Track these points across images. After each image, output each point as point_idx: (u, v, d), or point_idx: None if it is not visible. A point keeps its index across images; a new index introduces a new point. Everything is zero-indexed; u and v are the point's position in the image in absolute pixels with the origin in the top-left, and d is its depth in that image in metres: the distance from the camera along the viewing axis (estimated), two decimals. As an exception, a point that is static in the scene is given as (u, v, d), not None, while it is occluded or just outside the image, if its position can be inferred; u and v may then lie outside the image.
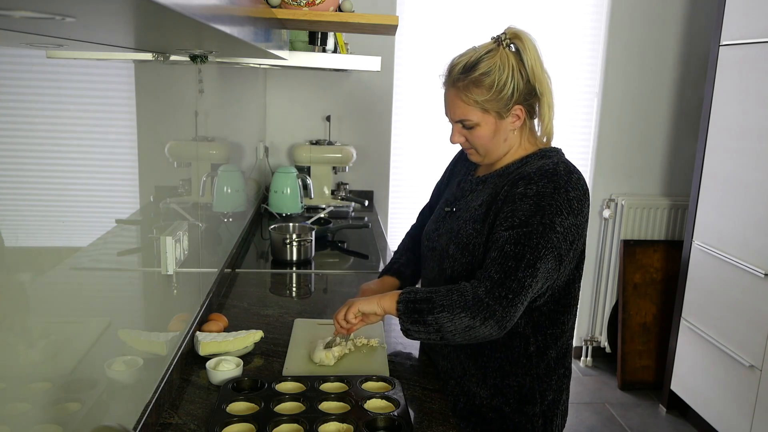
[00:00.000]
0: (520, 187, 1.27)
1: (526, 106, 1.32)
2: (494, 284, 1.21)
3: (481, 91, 1.28)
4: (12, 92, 0.72)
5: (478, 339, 1.24)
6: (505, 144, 1.35)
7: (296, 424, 1.16)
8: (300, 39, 2.24)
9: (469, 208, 1.38)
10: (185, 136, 1.52)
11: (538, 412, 1.36)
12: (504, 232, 1.24)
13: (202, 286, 1.67)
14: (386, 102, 3.32)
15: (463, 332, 1.22)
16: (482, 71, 1.28)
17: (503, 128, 1.33)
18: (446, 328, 1.22)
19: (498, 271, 1.22)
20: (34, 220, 0.79)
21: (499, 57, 1.28)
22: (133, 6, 0.47)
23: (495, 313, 1.20)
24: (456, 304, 1.21)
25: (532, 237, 1.22)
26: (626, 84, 3.40)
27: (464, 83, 1.29)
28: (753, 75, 2.52)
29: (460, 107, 1.32)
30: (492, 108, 1.30)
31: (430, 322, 1.23)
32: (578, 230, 1.28)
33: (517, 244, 1.22)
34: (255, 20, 1.07)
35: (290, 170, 2.92)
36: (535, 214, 1.23)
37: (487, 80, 1.27)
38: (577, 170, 1.32)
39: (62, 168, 0.86)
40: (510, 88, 1.28)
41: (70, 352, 0.89)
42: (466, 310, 1.21)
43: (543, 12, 3.31)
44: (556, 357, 1.37)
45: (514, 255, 1.22)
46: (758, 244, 2.48)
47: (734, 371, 2.60)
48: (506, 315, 1.20)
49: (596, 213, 3.54)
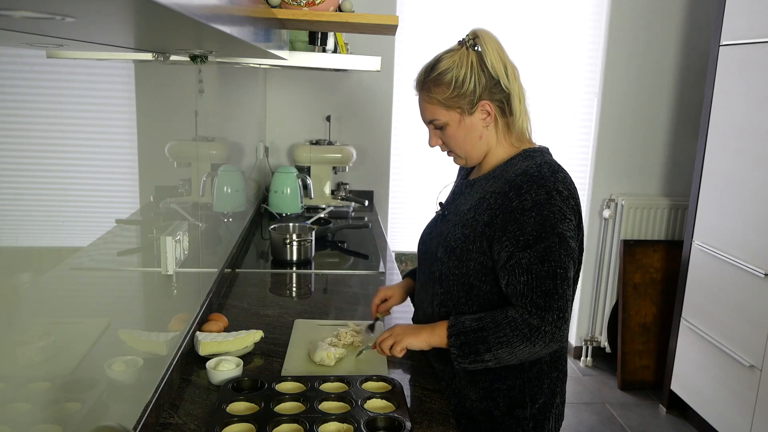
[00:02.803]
0: (513, 201, 1.27)
1: (495, 102, 1.33)
2: (543, 310, 1.23)
3: (442, 89, 1.31)
4: (12, 92, 0.72)
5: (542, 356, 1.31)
6: (482, 142, 1.36)
7: (296, 424, 1.16)
8: (300, 39, 2.24)
9: (458, 212, 1.39)
10: (185, 136, 1.52)
11: (529, 416, 1.36)
12: (523, 252, 1.24)
13: (202, 286, 1.67)
14: (386, 102, 3.32)
15: (525, 358, 1.27)
16: (441, 69, 1.32)
17: (474, 126, 1.34)
18: (507, 360, 1.26)
19: (540, 295, 1.23)
20: (34, 220, 0.79)
21: (459, 55, 1.32)
22: (133, 6, 0.47)
23: (554, 335, 1.23)
24: (513, 339, 1.23)
25: (553, 251, 1.23)
26: (626, 84, 3.40)
27: (427, 84, 1.34)
28: (753, 75, 2.52)
29: (426, 108, 1.36)
30: (454, 105, 1.32)
31: (488, 359, 1.26)
32: (577, 228, 1.31)
33: (544, 262, 1.23)
34: (255, 20, 1.07)
35: (290, 170, 2.92)
36: (544, 226, 1.24)
37: (446, 77, 1.31)
38: (562, 168, 1.33)
39: (62, 168, 0.86)
40: (470, 83, 1.30)
41: (71, 352, 0.89)
42: (525, 341, 1.23)
43: (543, 12, 3.31)
44: (550, 361, 1.37)
45: (546, 274, 1.23)
46: (758, 244, 2.48)
47: (734, 371, 2.60)
48: (564, 332, 1.25)
49: (596, 213, 3.54)
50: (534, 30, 3.31)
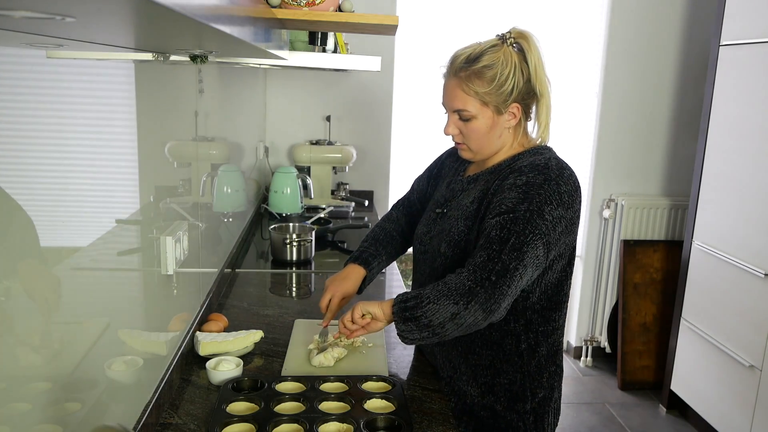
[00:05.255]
0: (510, 179, 1.28)
1: (523, 105, 1.33)
2: (476, 267, 1.20)
3: (483, 83, 1.28)
4: (12, 92, 0.72)
5: (468, 327, 1.21)
6: (499, 141, 1.35)
7: (296, 424, 1.16)
8: (300, 39, 2.25)
9: (460, 207, 1.38)
10: (185, 136, 1.52)
11: (529, 409, 1.36)
12: (491, 219, 1.24)
13: (202, 286, 1.67)
14: (386, 102, 3.32)
15: (450, 321, 1.19)
16: (485, 64, 1.28)
17: (499, 125, 1.33)
18: (435, 320, 1.19)
19: (482, 255, 1.21)
20: (34, 220, 0.79)
21: (503, 53, 1.29)
22: (133, 6, 0.47)
23: (477, 295, 1.17)
24: (441, 293, 1.20)
25: (518, 222, 1.21)
26: (626, 84, 3.40)
27: (466, 73, 1.29)
28: (753, 75, 2.52)
29: (459, 97, 1.31)
30: (491, 101, 1.30)
31: (419, 316, 1.20)
32: (569, 223, 1.27)
33: (503, 228, 1.21)
34: (255, 20, 1.08)
35: (290, 170, 2.92)
36: (523, 201, 1.23)
37: (489, 73, 1.28)
38: (569, 167, 1.33)
39: (62, 168, 0.86)
40: (510, 84, 1.28)
41: (71, 352, 0.89)
42: (449, 296, 1.18)
43: (543, 12, 3.31)
44: (547, 354, 1.37)
45: (498, 239, 1.21)
46: (758, 244, 2.48)
47: (734, 371, 2.60)
48: (490, 298, 1.17)
49: (596, 213, 3.54)
50: (534, 30, 3.30)
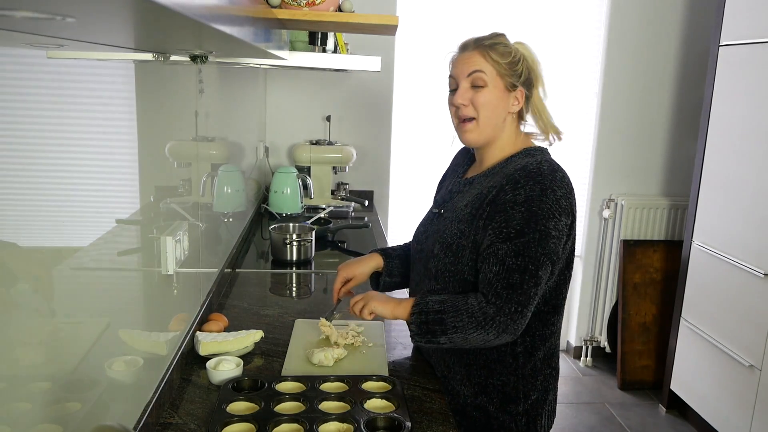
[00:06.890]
0: (508, 193, 1.29)
1: (526, 94, 1.38)
2: (503, 301, 1.25)
3: (501, 56, 1.34)
4: (12, 92, 0.72)
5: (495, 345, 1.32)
6: (502, 125, 1.37)
7: (296, 424, 1.16)
8: (300, 39, 2.25)
9: (455, 209, 1.40)
10: (185, 136, 1.52)
11: (522, 411, 1.37)
12: (502, 244, 1.26)
13: (202, 286, 1.67)
14: (386, 102, 3.32)
15: (479, 345, 1.30)
16: (502, 43, 1.36)
17: (505, 103, 1.36)
18: (461, 344, 1.30)
19: (504, 287, 1.25)
20: (34, 220, 0.79)
21: (514, 44, 1.38)
22: (133, 6, 0.47)
23: (507, 327, 1.26)
24: (468, 325, 1.26)
25: (530, 247, 1.25)
26: (626, 84, 3.40)
27: (490, 44, 1.35)
28: (753, 75, 2.52)
29: (477, 61, 1.35)
30: (505, 73, 1.35)
31: (443, 342, 1.29)
32: (570, 229, 1.31)
33: (518, 255, 1.25)
34: (255, 20, 1.08)
35: (290, 170, 2.92)
36: (529, 221, 1.25)
37: (507, 50, 1.35)
38: (561, 168, 1.34)
39: (62, 168, 0.86)
40: (521, 67, 1.35)
41: (71, 352, 0.89)
42: (478, 329, 1.26)
43: (543, 12, 3.31)
44: (543, 357, 1.38)
45: (517, 268, 1.24)
46: (758, 244, 2.48)
47: (734, 371, 2.60)
48: (518, 326, 1.27)
49: (596, 213, 3.54)
50: (534, 30, 3.31)
